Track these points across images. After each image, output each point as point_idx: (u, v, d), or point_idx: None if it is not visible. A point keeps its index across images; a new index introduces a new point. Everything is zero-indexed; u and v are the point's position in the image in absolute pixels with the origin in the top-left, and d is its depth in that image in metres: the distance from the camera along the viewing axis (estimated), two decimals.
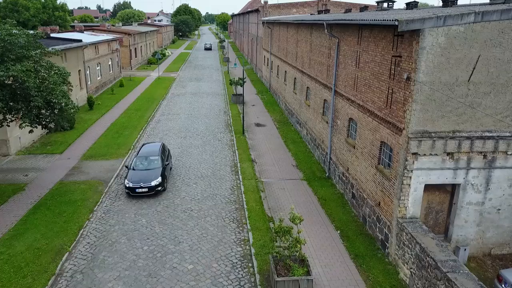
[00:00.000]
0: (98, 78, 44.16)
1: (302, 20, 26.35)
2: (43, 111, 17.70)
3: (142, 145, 22.35)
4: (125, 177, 19.35)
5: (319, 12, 48.54)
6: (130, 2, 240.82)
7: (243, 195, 19.24)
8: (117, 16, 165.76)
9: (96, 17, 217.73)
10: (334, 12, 47.26)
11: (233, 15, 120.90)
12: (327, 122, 21.73)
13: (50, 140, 26.89)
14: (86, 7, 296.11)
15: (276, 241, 13.06)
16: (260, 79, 54.75)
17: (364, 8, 34.58)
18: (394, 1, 28.49)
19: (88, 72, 40.45)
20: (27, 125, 17.36)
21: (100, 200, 18.74)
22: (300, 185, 20.47)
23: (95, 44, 42.50)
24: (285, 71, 35.07)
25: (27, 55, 17.14)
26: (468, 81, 12.30)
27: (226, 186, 20.38)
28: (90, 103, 35.83)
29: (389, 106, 13.90)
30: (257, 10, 54.41)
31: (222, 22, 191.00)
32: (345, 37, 18.47)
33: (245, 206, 18.07)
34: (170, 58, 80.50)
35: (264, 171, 22.31)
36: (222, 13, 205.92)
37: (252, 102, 40.29)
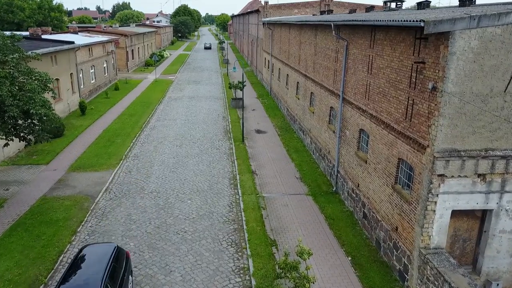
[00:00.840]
0: (92, 81, 42.44)
1: (305, 21, 24.64)
2: (20, 122, 15.95)
3: (82, 249, 12.23)
4: None
5: (322, 12, 46.90)
6: (129, 3, 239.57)
7: (243, 213, 17.48)
8: (116, 17, 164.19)
9: (95, 18, 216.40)
10: (337, 13, 45.57)
11: (233, 16, 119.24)
12: (334, 132, 19.98)
13: (36, 149, 25.13)
14: (85, 8, 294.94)
15: (281, 277, 11.29)
16: (260, 81, 53.03)
17: (370, 8, 32.92)
18: (403, 1, 26.84)
19: (81, 75, 38.71)
20: (1, 138, 15.62)
21: (85, 219, 16.98)
22: (305, 201, 18.71)
23: (88, 46, 40.78)
24: (287, 75, 33.35)
25: (2, 59, 15.40)
26: (505, 91, 10.56)
27: (224, 203, 18.62)
28: (82, 108, 34.08)
29: (409, 119, 12.16)
30: (257, 11, 52.71)
31: (222, 23, 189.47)
32: (355, 39, 16.73)
33: (244, 227, 16.31)
34: (168, 59, 78.79)
35: (266, 185, 20.56)
36: (222, 14, 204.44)
37: (252, 106, 38.55)
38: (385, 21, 12.37)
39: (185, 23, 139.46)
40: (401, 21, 11.05)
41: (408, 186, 12.64)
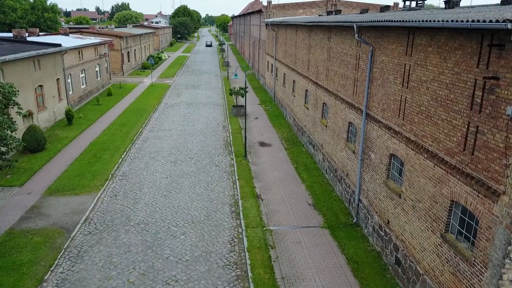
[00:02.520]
0: (83, 87, 39.45)
1: (316, 22, 21.67)
2: None
3: None
4: None
5: (329, 13, 43.87)
6: (128, 4, 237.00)
7: (247, 254, 14.47)
8: (114, 18, 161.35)
9: (94, 19, 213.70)
10: (346, 13, 42.60)
11: (233, 17, 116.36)
12: (354, 152, 16.99)
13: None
14: (84, 9, 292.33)
15: None
16: (263, 86, 50.05)
17: (385, 8, 29.92)
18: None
19: (69, 80, 35.75)
20: None
21: (56, 262, 13.97)
22: (321, 237, 15.69)
23: (78, 49, 37.80)
24: (294, 81, 30.36)
25: None
26: None
27: (224, 239, 15.60)
28: (69, 117, 31.08)
29: (470, 151, 9.16)
30: (259, 11, 49.76)
31: (222, 24, 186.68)
32: (384, 44, 13.74)
33: (249, 274, 13.30)
34: (166, 62, 75.83)
35: (273, 213, 17.54)
36: (222, 15, 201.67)
37: (254, 114, 35.56)
38: (443, 21, 9.33)
39: (184, 24, 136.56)
40: (471, 22, 8.00)
41: (467, 239, 9.64)
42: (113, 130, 29.94)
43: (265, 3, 48.88)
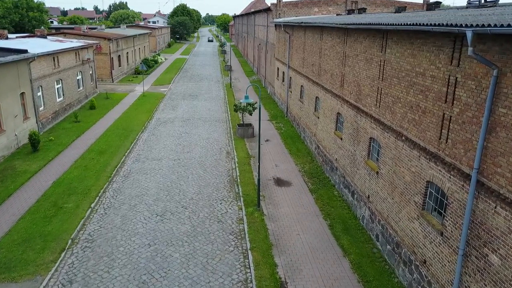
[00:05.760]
0: (59, 99, 33.09)
1: (359, 24, 15.33)
2: None
3: None
4: None
5: (349, 11, 37.43)
6: (126, 3, 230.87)
7: None
8: (111, 17, 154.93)
9: (92, 18, 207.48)
10: (371, 12, 36.24)
11: (235, 16, 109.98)
12: (441, 234, 10.61)
13: None
14: (82, 8, 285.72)
15: None
16: (271, 96, 43.68)
17: (436, 4, 23.52)
18: None
19: (40, 93, 29.40)
20: None
21: None
22: None
23: (52, 55, 31.44)
24: (317, 97, 24.00)
25: None
26: None
27: None
28: (34, 142, 24.68)
29: None
30: (267, 10, 43.36)
31: (223, 23, 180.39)
32: None
33: None
34: (162, 65, 69.43)
35: None
36: (223, 14, 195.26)
37: (264, 133, 29.21)
38: None
39: (183, 24, 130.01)
40: None
41: None
42: (87, 160, 23.54)
43: (269, 2, 42.56)
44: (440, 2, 22.57)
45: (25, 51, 26.81)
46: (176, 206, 18.12)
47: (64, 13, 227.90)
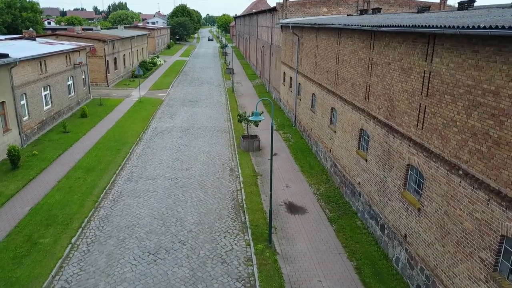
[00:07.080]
0: (47, 108, 30.29)
1: (390, 26, 12.55)
2: None
3: None
4: None
5: (361, 12, 34.67)
6: (125, 3, 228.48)
7: None
8: (109, 18, 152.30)
9: (91, 19, 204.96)
10: (385, 13, 33.50)
11: (236, 17, 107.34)
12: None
13: None
14: (82, 9, 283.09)
15: None
16: (276, 102, 40.90)
17: (468, 3, 20.75)
18: None
19: (23, 101, 26.62)
20: None
21: None
22: None
23: (38, 59, 28.65)
24: (333, 108, 21.22)
25: None
26: None
27: None
28: (13, 158, 21.89)
29: None
30: (272, 10, 40.57)
31: (224, 24, 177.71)
32: None
33: None
34: (161, 68, 66.64)
35: None
36: (224, 15, 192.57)
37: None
38: None
39: (183, 25, 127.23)
40: None
41: None
42: (73, 179, 20.75)
43: (272, 2, 39.85)
44: (475, 1, 19.75)
45: (6, 56, 24.02)
46: (172, 241, 15.31)
47: (63, 13, 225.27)
